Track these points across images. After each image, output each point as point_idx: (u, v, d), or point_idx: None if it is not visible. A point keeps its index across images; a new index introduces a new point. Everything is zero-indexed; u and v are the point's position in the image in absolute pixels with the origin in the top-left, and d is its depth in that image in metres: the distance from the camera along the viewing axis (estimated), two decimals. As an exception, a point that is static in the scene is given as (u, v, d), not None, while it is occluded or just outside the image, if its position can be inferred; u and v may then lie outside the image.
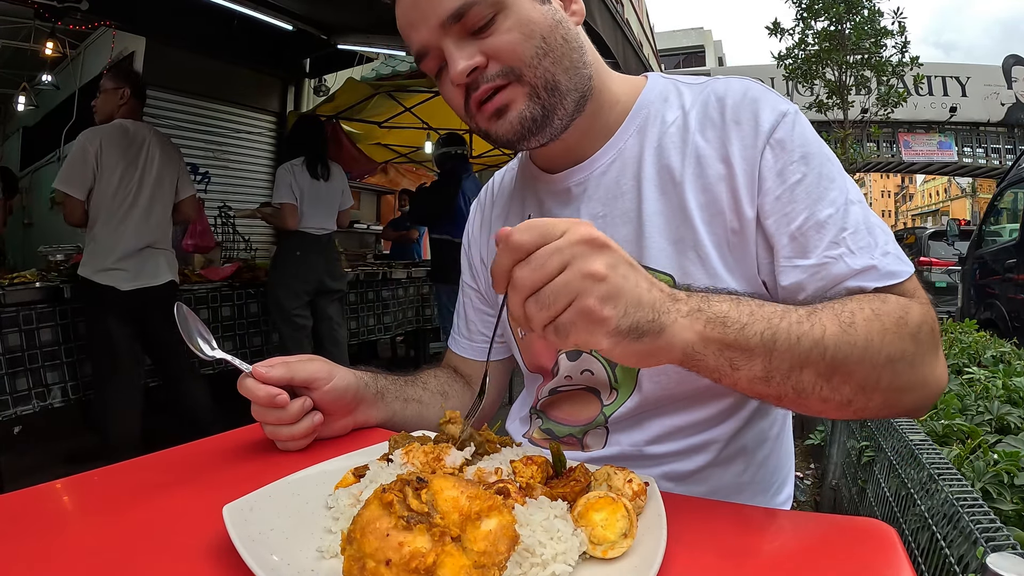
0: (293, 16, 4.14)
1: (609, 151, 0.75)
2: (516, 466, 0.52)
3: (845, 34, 12.38)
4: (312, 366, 0.70)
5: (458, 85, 0.67)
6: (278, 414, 0.66)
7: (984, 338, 2.33)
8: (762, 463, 0.77)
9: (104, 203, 2.59)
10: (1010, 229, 4.77)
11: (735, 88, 0.70)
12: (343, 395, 0.72)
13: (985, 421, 1.38)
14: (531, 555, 0.41)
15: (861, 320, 0.55)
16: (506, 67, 0.65)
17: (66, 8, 3.66)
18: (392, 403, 0.80)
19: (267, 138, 5.86)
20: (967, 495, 0.97)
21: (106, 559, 0.46)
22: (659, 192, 0.72)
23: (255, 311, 3.76)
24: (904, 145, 19.13)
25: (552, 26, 0.67)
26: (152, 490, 0.57)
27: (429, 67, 0.70)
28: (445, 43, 0.65)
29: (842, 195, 0.64)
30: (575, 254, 0.46)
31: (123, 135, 2.63)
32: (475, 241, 0.95)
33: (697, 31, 27.95)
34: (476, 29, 0.65)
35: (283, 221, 3.28)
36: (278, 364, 0.68)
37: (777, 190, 0.65)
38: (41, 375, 2.65)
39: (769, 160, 0.66)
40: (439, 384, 0.90)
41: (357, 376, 0.75)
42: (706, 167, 0.69)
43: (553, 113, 0.68)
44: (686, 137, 0.71)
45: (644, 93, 0.76)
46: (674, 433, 0.74)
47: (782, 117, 0.66)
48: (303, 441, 0.69)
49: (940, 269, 8.27)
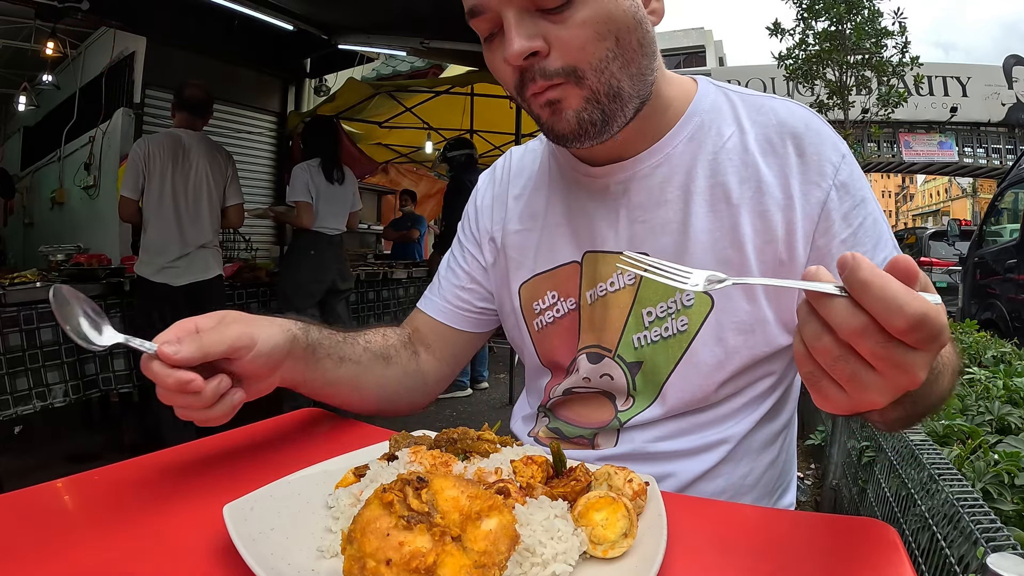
0: (293, 16, 4.13)
1: (656, 154, 0.73)
2: (516, 466, 0.52)
3: (846, 34, 12.36)
4: (229, 333, 0.59)
5: (512, 66, 0.62)
6: (189, 400, 0.56)
7: (985, 338, 2.33)
8: (769, 465, 0.77)
9: (153, 204, 2.84)
10: (1011, 229, 4.77)
11: (798, 117, 0.71)
12: (269, 358, 0.62)
13: (986, 421, 1.38)
14: (531, 555, 0.42)
15: (951, 371, 0.58)
16: (569, 66, 0.60)
17: (66, 8, 3.65)
18: (323, 360, 0.72)
19: (267, 138, 5.86)
20: (967, 495, 0.97)
21: (106, 559, 0.46)
22: (710, 209, 0.70)
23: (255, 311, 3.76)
24: (905, 145, 19.11)
25: (631, 26, 0.62)
26: (152, 490, 0.57)
27: (479, 27, 0.64)
28: (507, 11, 0.59)
29: (891, 237, 0.69)
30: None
31: (172, 143, 2.89)
32: (484, 211, 0.89)
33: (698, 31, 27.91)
34: (548, 7, 0.59)
35: (299, 219, 3.32)
36: (187, 338, 0.56)
37: (843, 233, 0.67)
38: (41, 375, 2.65)
39: (835, 202, 0.67)
40: (384, 346, 0.82)
41: (284, 330, 0.66)
42: (766, 194, 0.69)
43: (612, 120, 0.64)
44: (746, 158, 0.70)
45: (696, 100, 0.74)
46: (687, 431, 0.74)
47: (843, 158, 0.69)
48: (222, 420, 0.60)
49: (941, 269, 8.26)
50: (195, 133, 3.02)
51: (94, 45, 5.22)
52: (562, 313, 0.79)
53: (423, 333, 0.89)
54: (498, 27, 0.62)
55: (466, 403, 4.26)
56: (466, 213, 0.92)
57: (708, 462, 0.73)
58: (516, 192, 0.86)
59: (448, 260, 0.93)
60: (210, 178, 2.99)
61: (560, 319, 0.79)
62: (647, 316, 0.72)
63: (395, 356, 0.82)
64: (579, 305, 0.78)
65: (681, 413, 0.73)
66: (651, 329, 0.72)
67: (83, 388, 2.79)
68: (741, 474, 0.75)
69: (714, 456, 0.73)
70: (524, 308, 0.82)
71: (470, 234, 0.91)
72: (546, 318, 0.80)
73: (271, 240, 5.92)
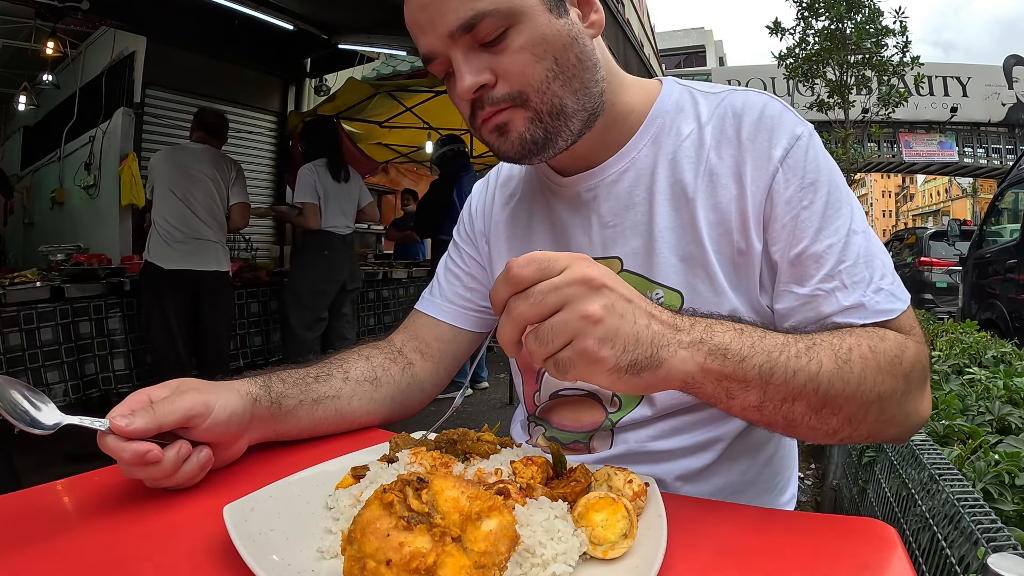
0: (294, 16, 4.13)
1: (622, 159, 0.74)
2: (516, 467, 0.52)
3: (846, 34, 12.35)
4: (183, 403, 0.57)
5: (465, 100, 0.66)
6: (150, 471, 0.55)
7: (985, 338, 2.33)
8: (767, 461, 0.77)
9: (159, 203, 3.04)
10: (1011, 229, 4.77)
11: (753, 105, 0.70)
12: (227, 426, 0.61)
13: (986, 421, 1.38)
14: (531, 555, 0.41)
15: (857, 357, 0.56)
16: (514, 91, 0.64)
17: (66, 8, 3.66)
18: (294, 411, 0.70)
19: (268, 138, 5.86)
20: (968, 495, 0.97)
21: (106, 559, 0.46)
22: (671, 207, 0.71)
23: (256, 311, 3.77)
24: (905, 145, 19.11)
25: (567, 44, 0.64)
26: (152, 490, 0.57)
27: (436, 70, 0.68)
28: (453, 53, 0.63)
29: (845, 224, 0.65)
30: (573, 295, 0.46)
31: (179, 153, 3.17)
32: (477, 215, 0.92)
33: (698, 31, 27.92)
34: (487, 42, 0.63)
35: (305, 221, 3.34)
36: (140, 411, 0.55)
37: (784, 216, 0.66)
38: (41, 375, 2.65)
39: (780, 185, 0.66)
40: (369, 369, 0.81)
41: (243, 394, 0.64)
42: (718, 185, 0.69)
43: (557, 135, 0.66)
44: (701, 153, 0.71)
45: (659, 101, 0.75)
46: (681, 429, 0.74)
47: (796, 140, 0.67)
48: (192, 482, 0.59)
49: (941, 269, 8.27)
50: (205, 147, 3.20)
51: (94, 45, 5.22)
52: None
53: (423, 337, 0.90)
54: (451, 67, 0.65)
55: (466, 403, 4.26)
56: (461, 218, 0.95)
57: (704, 460, 0.74)
58: (503, 200, 0.89)
59: (446, 263, 0.94)
60: (213, 181, 3.13)
61: None
62: None
63: (383, 376, 0.81)
64: None
65: (673, 412, 0.74)
66: None
67: (83, 388, 2.79)
68: (739, 471, 0.75)
69: (710, 454, 0.74)
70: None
71: (466, 236, 0.93)
72: None
73: (271, 240, 5.92)
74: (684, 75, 5.97)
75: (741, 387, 0.53)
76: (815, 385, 0.54)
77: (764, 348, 0.53)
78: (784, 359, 0.53)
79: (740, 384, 0.53)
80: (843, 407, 0.56)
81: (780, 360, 0.53)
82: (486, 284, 0.90)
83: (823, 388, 0.54)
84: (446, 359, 0.90)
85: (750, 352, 0.53)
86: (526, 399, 0.87)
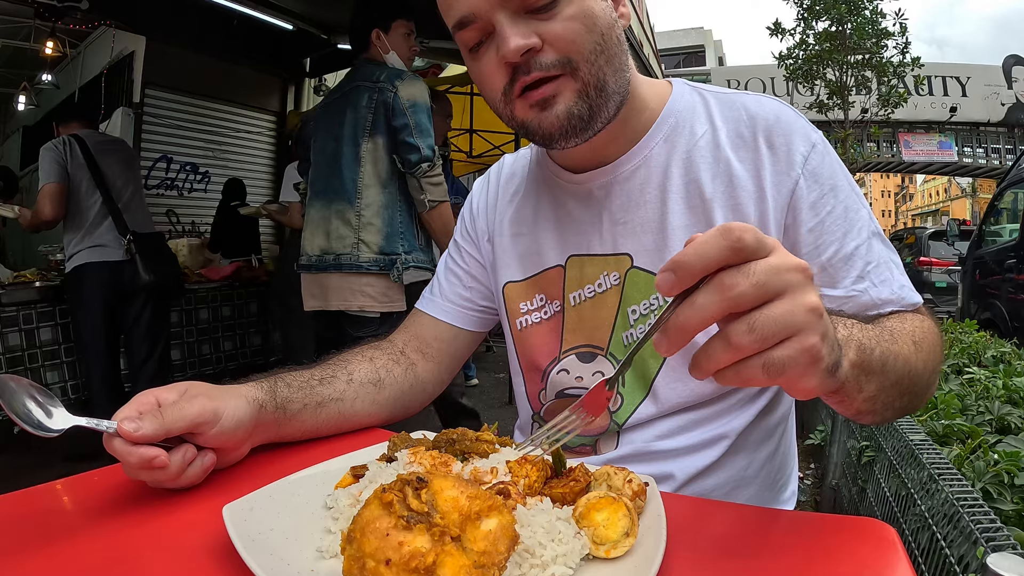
0: (293, 15, 4.13)
1: (635, 157, 0.75)
2: (513, 466, 0.52)
3: (846, 35, 12.37)
4: (192, 410, 0.57)
5: (507, 64, 0.63)
6: (155, 475, 0.55)
7: (984, 338, 2.33)
8: (768, 458, 0.78)
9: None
10: (1010, 229, 4.77)
11: (769, 109, 0.72)
12: (234, 433, 0.61)
13: (985, 421, 1.38)
14: (531, 556, 0.41)
15: (920, 338, 0.60)
16: (563, 57, 0.62)
17: (66, 8, 3.65)
18: (299, 414, 0.70)
19: (267, 137, 5.87)
20: (967, 495, 0.97)
21: (106, 559, 0.46)
22: (686, 206, 0.72)
23: (255, 311, 3.76)
24: (904, 145, 19.12)
25: (611, 24, 0.65)
26: (152, 490, 0.57)
27: (467, 38, 0.65)
28: (498, 16, 0.61)
29: (866, 227, 0.69)
30: (795, 282, 0.39)
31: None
32: (479, 214, 0.91)
33: (697, 31, 27.94)
34: (536, 8, 0.61)
35: (291, 220, 3.31)
36: (148, 415, 0.55)
37: (810, 222, 0.68)
38: (41, 375, 2.65)
39: (803, 191, 0.68)
40: (372, 371, 0.80)
41: (249, 400, 0.64)
42: (738, 187, 0.70)
43: (598, 114, 0.66)
44: (718, 154, 0.72)
45: (671, 101, 0.76)
46: (687, 427, 0.74)
47: (813, 147, 0.69)
48: (195, 483, 0.59)
49: (940, 269, 8.27)
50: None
51: (94, 44, 5.23)
52: (548, 315, 0.81)
53: (423, 337, 0.89)
54: (486, 35, 0.64)
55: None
56: (462, 216, 0.94)
57: (709, 457, 0.74)
58: (508, 197, 0.88)
59: (446, 262, 0.94)
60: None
61: (546, 320, 0.81)
62: (632, 314, 0.74)
63: (386, 378, 0.81)
64: (563, 308, 0.79)
65: (678, 410, 0.74)
66: (636, 326, 0.74)
67: (82, 388, 2.79)
68: (740, 467, 0.75)
69: (715, 452, 0.74)
70: (508, 308, 0.84)
71: (467, 235, 0.92)
72: (532, 318, 0.82)
73: (272, 240, 5.92)
74: (683, 75, 5.98)
75: (870, 379, 0.51)
76: (908, 368, 0.56)
77: (875, 337, 0.53)
78: (886, 346, 0.54)
79: (870, 376, 0.51)
80: (920, 384, 0.59)
81: (889, 349, 0.54)
82: (486, 284, 0.90)
83: (913, 370, 0.57)
84: (447, 359, 0.90)
85: (872, 343, 0.51)
86: (530, 398, 0.86)
